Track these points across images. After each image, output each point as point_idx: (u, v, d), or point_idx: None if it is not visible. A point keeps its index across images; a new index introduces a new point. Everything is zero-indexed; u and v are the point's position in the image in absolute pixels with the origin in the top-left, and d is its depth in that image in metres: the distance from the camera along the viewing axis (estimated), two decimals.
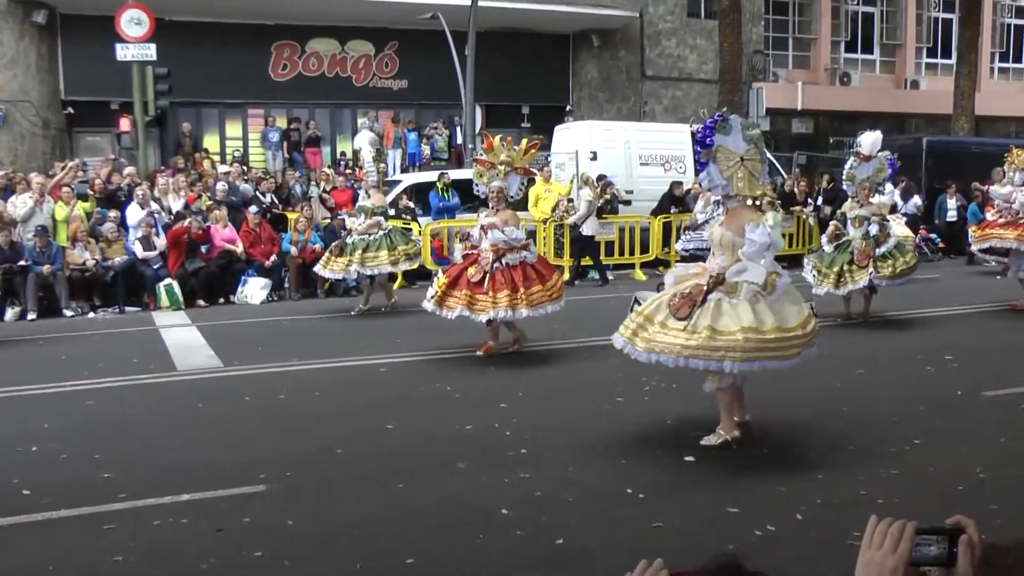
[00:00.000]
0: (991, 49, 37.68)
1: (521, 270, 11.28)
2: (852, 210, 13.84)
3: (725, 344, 7.24)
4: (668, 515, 6.13)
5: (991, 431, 7.93)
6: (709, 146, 7.72)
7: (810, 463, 7.21)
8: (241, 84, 26.17)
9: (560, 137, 23.82)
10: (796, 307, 7.65)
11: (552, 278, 11.60)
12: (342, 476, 7.07)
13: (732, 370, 7.34)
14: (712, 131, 7.71)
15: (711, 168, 7.72)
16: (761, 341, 7.27)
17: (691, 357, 7.31)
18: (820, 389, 9.70)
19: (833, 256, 13.75)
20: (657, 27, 31.12)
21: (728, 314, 7.37)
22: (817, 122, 34.48)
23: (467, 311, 11.19)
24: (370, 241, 14.89)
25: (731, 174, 7.71)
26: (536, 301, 11.25)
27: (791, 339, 7.40)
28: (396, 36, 27.75)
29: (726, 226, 7.84)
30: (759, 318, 7.33)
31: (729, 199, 7.87)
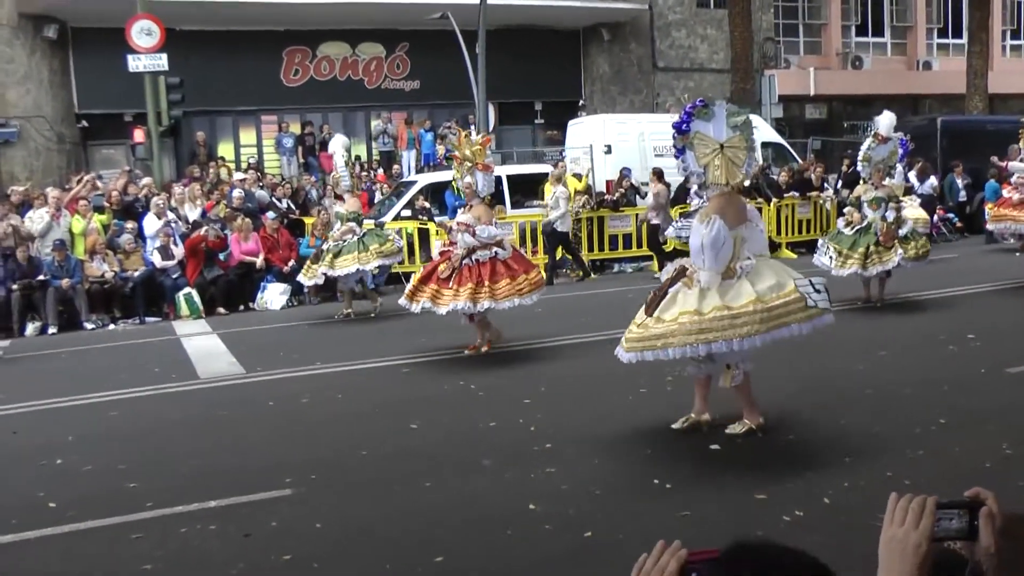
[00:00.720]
0: (1002, 27, 37.46)
1: (490, 266, 11.24)
2: (868, 192, 13.72)
3: (664, 331, 7.26)
4: (695, 504, 6.13)
5: (1016, 408, 7.91)
6: (686, 132, 7.62)
7: (836, 447, 7.19)
8: (253, 91, 26.21)
9: (574, 132, 23.79)
10: (765, 284, 7.38)
11: (525, 273, 11.50)
12: (368, 477, 7.08)
13: (676, 356, 7.35)
14: (691, 117, 7.61)
15: (688, 155, 7.65)
16: (698, 323, 7.17)
17: (644, 350, 7.36)
18: (843, 373, 9.69)
19: (855, 238, 13.60)
20: (667, 18, 31.06)
21: (677, 302, 7.38)
22: (831, 107, 34.35)
23: (430, 304, 11.26)
24: (343, 246, 14.89)
25: (708, 162, 7.60)
26: (502, 295, 11.16)
27: (737, 316, 7.18)
28: (406, 37, 27.75)
29: (698, 216, 7.78)
30: (704, 301, 7.28)
31: (706, 188, 7.75)
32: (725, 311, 7.18)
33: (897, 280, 13.94)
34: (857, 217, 13.78)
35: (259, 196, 19.60)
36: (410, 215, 19.58)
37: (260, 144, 27.12)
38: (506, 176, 20.86)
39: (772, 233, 21.21)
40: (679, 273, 7.53)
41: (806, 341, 11.38)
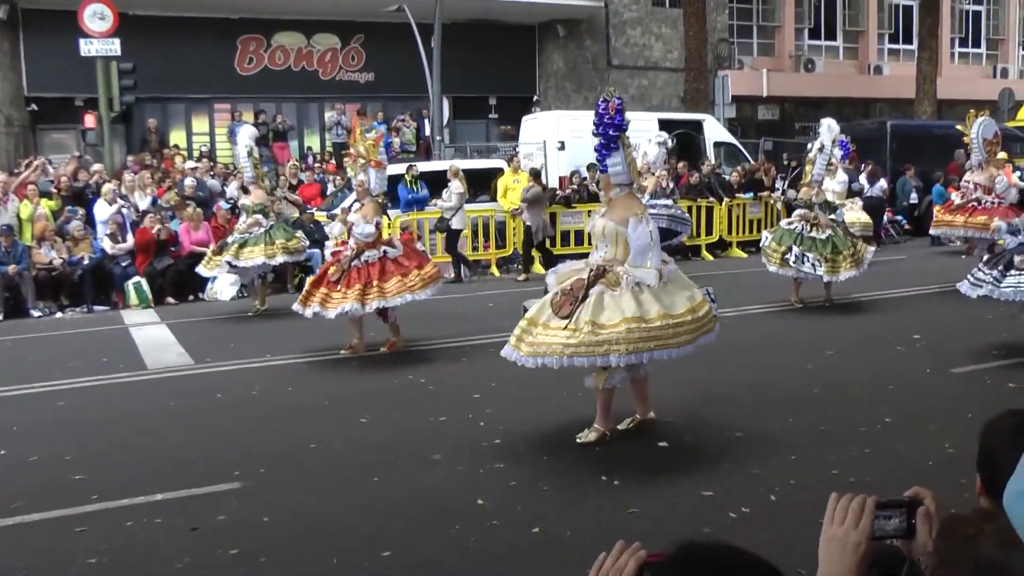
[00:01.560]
0: (951, 34, 38.12)
1: (380, 265, 11.01)
2: (819, 196, 13.83)
3: (608, 337, 6.98)
4: (643, 501, 6.17)
5: (959, 407, 8.03)
6: (624, 129, 7.51)
7: (783, 445, 7.27)
8: (207, 79, 25.96)
9: (528, 127, 23.84)
10: (687, 292, 7.45)
11: (418, 268, 11.26)
12: (317, 470, 7.06)
13: (619, 363, 7.07)
14: (623, 114, 7.50)
15: (619, 154, 7.50)
16: (646, 331, 7.01)
17: (574, 356, 7.03)
18: (791, 371, 9.80)
19: (833, 242, 13.49)
20: (622, 16, 31.16)
21: (610, 307, 7.11)
22: (783, 108, 34.67)
23: (320, 308, 10.96)
24: (248, 238, 14.53)
25: (629, 161, 7.57)
26: (392, 292, 10.93)
27: (679, 325, 7.17)
28: (362, 29, 27.64)
29: (608, 216, 7.55)
30: (643, 307, 7.09)
31: (618, 187, 7.62)
32: (669, 320, 7.11)
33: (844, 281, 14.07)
34: (824, 220, 13.71)
35: (210, 185, 19.43)
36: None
37: (212, 133, 26.88)
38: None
39: (724, 232, 21.40)
40: (598, 273, 7.32)
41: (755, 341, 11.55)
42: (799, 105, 34.75)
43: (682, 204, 20.79)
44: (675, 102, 30.69)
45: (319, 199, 20.58)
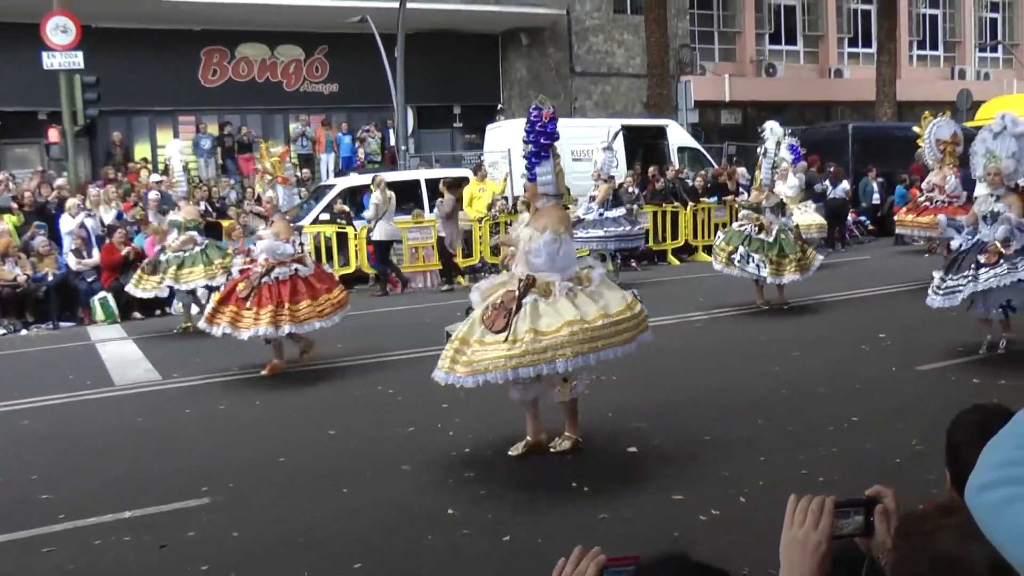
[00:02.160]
0: (909, 38, 38.54)
1: (291, 284, 10.77)
2: (770, 199, 13.88)
3: (552, 343, 6.79)
4: (613, 506, 6.19)
5: (925, 404, 8.11)
6: (556, 138, 7.42)
7: (752, 446, 7.31)
8: (171, 91, 25.78)
9: (492, 136, 23.85)
10: (618, 294, 7.39)
11: (328, 292, 11.10)
12: (286, 484, 7.03)
13: (567, 368, 6.88)
14: (555, 123, 7.41)
15: (548, 163, 7.37)
16: (589, 331, 6.88)
17: (519, 366, 6.77)
18: (759, 373, 9.86)
19: (782, 244, 13.56)
20: (584, 24, 31.26)
21: (548, 313, 6.94)
22: (745, 112, 34.85)
23: (230, 328, 10.68)
24: (185, 257, 14.17)
25: (558, 172, 7.46)
26: (303, 317, 10.71)
27: (619, 323, 7.08)
28: (325, 40, 27.56)
29: (532, 225, 7.40)
30: (582, 309, 6.97)
31: (545, 197, 7.45)
32: (609, 318, 7.02)
33: (811, 282, 14.16)
34: (768, 223, 13.77)
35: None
36: (328, 219, 19.44)
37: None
38: (425, 180, 20.88)
39: (689, 237, 21.50)
40: (529, 283, 7.09)
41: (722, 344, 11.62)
42: (761, 109, 34.88)
43: (648, 208, 20.92)
44: (638, 108, 30.81)
45: None
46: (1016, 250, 9.56)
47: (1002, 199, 9.84)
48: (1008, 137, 9.95)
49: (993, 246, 9.62)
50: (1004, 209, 9.73)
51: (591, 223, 17.04)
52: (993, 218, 9.79)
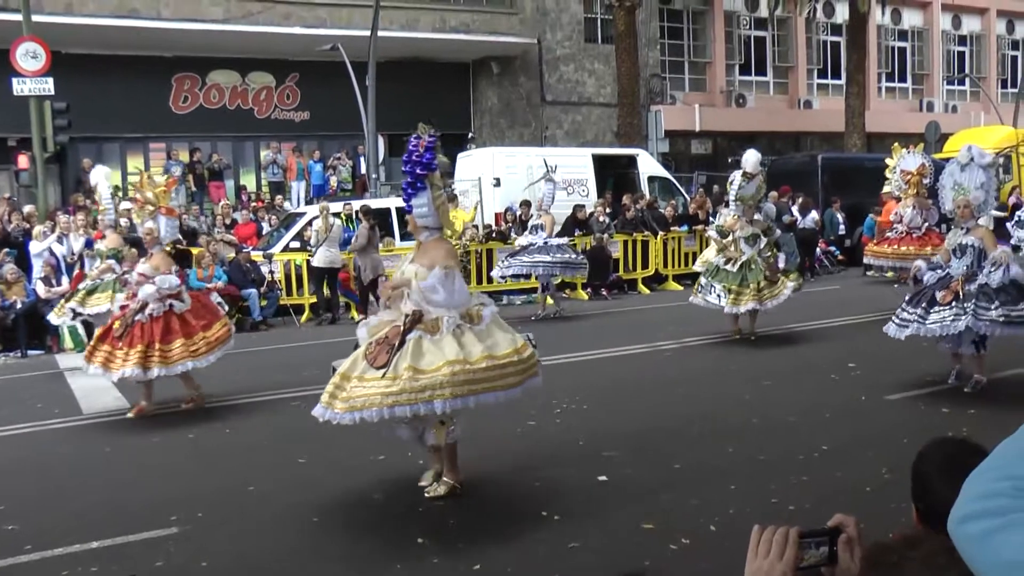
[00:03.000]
0: (878, 70, 39.08)
1: (164, 322, 10.32)
2: (745, 228, 13.82)
3: (430, 382, 6.53)
4: (583, 535, 6.17)
5: (895, 433, 8.14)
6: (434, 169, 7.16)
7: (722, 474, 7.31)
8: (142, 117, 25.70)
9: (463, 164, 23.89)
10: (508, 335, 7.12)
11: (205, 329, 10.60)
12: (255, 513, 6.97)
13: (444, 409, 6.59)
14: (434, 153, 7.18)
15: (428, 195, 7.11)
16: (471, 372, 6.62)
17: (395, 405, 6.50)
18: (729, 401, 9.88)
19: (744, 274, 13.52)
20: (555, 53, 31.44)
21: (431, 351, 6.69)
22: (715, 142, 35.13)
23: (101, 368, 10.32)
24: (98, 284, 13.61)
25: (439, 204, 7.21)
26: (175, 358, 10.27)
27: (504, 366, 6.83)
28: (297, 68, 27.61)
29: (418, 261, 7.16)
30: (466, 349, 6.72)
31: (430, 230, 7.23)
32: (494, 360, 6.77)
33: (781, 311, 14.22)
34: (735, 252, 13.79)
35: None
36: (299, 247, 19.39)
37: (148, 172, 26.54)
38: (396, 208, 20.85)
39: (659, 266, 21.56)
40: (415, 318, 6.85)
41: (693, 372, 11.65)
42: (731, 139, 35.22)
43: (618, 238, 21.00)
44: (609, 137, 30.97)
45: (255, 239, 20.44)
46: (979, 286, 9.52)
47: (971, 232, 9.85)
48: (975, 168, 9.99)
49: (954, 283, 9.62)
50: (974, 242, 9.73)
51: (537, 249, 17.08)
52: (962, 251, 9.79)
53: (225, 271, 17.70)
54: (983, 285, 9.51)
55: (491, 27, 29.59)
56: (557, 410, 9.68)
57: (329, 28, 26.11)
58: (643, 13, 31.26)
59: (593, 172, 23.58)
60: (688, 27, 35.36)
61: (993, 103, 39.32)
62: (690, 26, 35.40)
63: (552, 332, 15.88)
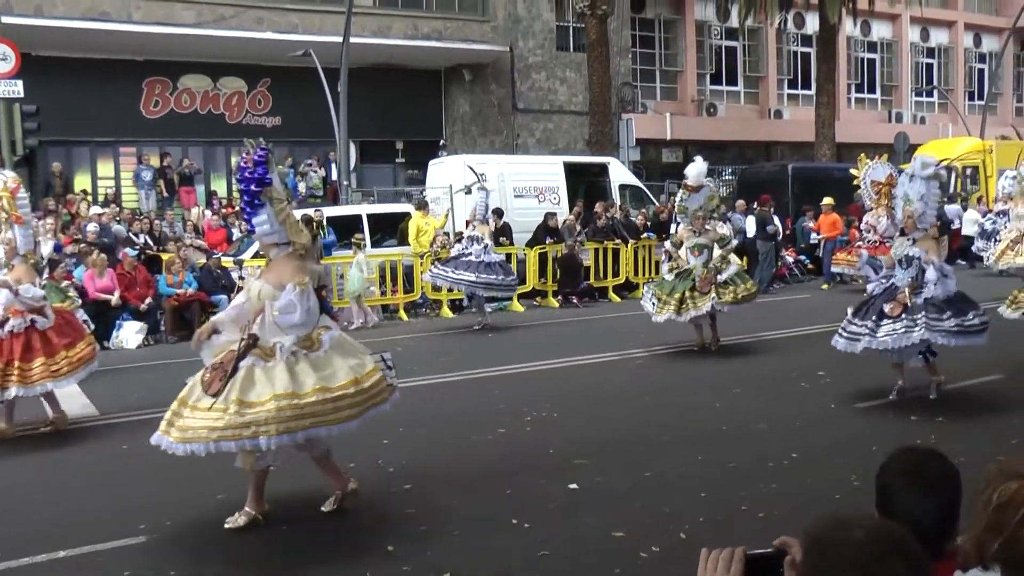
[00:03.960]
0: (847, 81, 39.43)
1: (25, 339, 9.72)
2: (690, 239, 13.75)
3: (255, 418, 6.27)
4: (554, 543, 6.17)
5: (864, 441, 8.19)
6: (268, 184, 6.74)
7: (693, 483, 7.33)
8: (112, 122, 25.56)
9: (434, 172, 23.88)
10: (352, 361, 6.81)
11: (68, 348, 9.99)
12: (224, 522, 6.91)
13: (269, 446, 6.36)
14: (267, 167, 6.78)
15: (268, 211, 6.75)
16: (299, 407, 6.35)
17: (220, 440, 6.30)
18: (699, 410, 9.92)
19: (674, 284, 13.51)
20: (527, 61, 31.50)
21: (261, 382, 6.44)
22: (687, 151, 35.18)
23: None
24: None
25: (284, 218, 6.84)
26: (35, 378, 9.67)
27: (340, 398, 6.54)
28: (268, 73, 27.54)
29: (265, 278, 6.87)
30: (298, 380, 6.46)
31: (278, 247, 6.91)
32: (327, 393, 6.48)
33: (753, 319, 14.28)
34: (681, 261, 13.75)
35: (115, 230, 19.06)
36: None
37: (118, 176, 26.39)
38: (367, 215, 20.82)
39: (630, 274, 21.61)
40: (250, 343, 6.57)
41: (663, 381, 11.68)
42: (702, 148, 35.28)
43: (589, 245, 21.04)
44: (580, 145, 31.05)
45: (225, 244, 20.34)
46: (926, 299, 9.53)
47: (918, 243, 9.84)
48: (917, 180, 9.98)
49: (901, 295, 9.62)
50: (919, 253, 9.74)
51: (464, 264, 16.64)
52: (908, 262, 9.79)
53: (195, 277, 17.60)
54: (929, 299, 9.53)
55: (463, 34, 29.63)
56: (528, 418, 9.69)
57: (301, 34, 26.07)
58: (615, 22, 31.36)
59: (564, 180, 23.61)
60: (660, 36, 35.54)
61: (961, 115, 39.75)
62: (662, 35, 35.58)
63: (522, 340, 15.91)
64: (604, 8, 28.41)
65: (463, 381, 12.04)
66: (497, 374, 12.41)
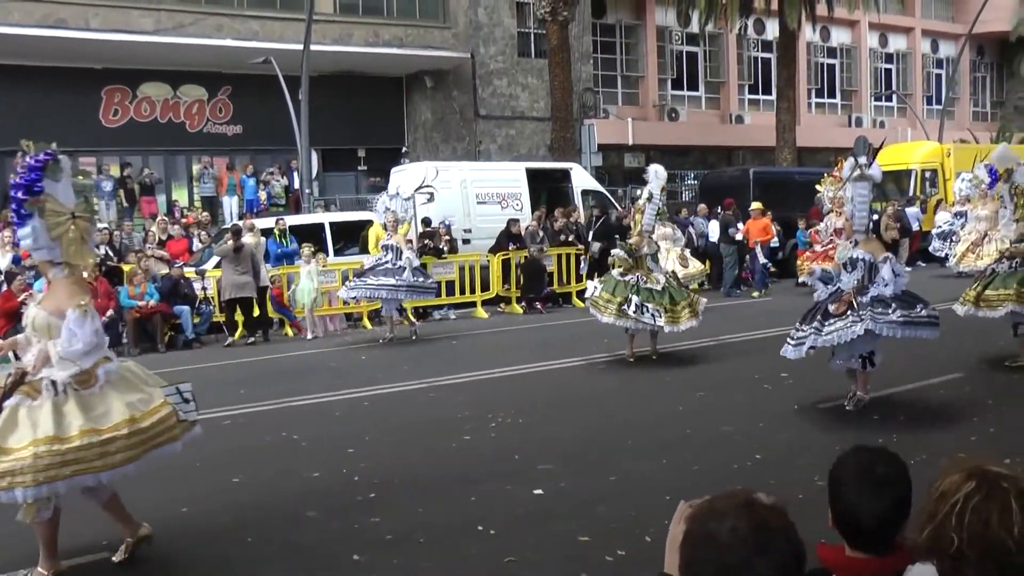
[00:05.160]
0: (807, 86, 39.77)
1: None
2: (652, 246, 13.64)
3: (11, 467, 5.62)
4: (520, 549, 6.17)
5: (826, 440, 8.26)
6: (38, 193, 6.07)
7: (657, 486, 7.34)
8: (71, 130, 25.05)
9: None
10: (133, 396, 6.18)
11: None
12: (189, 535, 6.87)
13: (26, 498, 5.71)
14: (41, 174, 6.11)
15: (37, 224, 6.08)
16: (60, 454, 5.70)
17: None
18: (664, 413, 9.96)
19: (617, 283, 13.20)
20: (489, 67, 31.51)
21: (24, 424, 5.78)
22: (648, 156, 35.27)
23: None
24: None
25: (61, 234, 6.15)
26: None
27: (110, 441, 5.88)
28: (229, 81, 27.35)
29: (43, 304, 6.24)
30: (64, 422, 5.81)
31: (54, 266, 6.24)
32: (95, 436, 5.84)
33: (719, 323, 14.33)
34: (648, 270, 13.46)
35: None
36: None
37: None
38: (329, 223, 20.76)
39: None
40: (17, 380, 5.90)
41: (628, 385, 11.69)
42: (664, 153, 35.48)
43: (552, 251, 21.08)
44: (542, 151, 31.08)
45: (187, 255, 20.18)
46: (872, 297, 9.45)
47: (861, 245, 9.80)
48: (850, 183, 10.00)
49: (847, 295, 9.56)
50: (864, 256, 9.64)
51: (383, 271, 16.43)
52: (852, 265, 9.70)
53: (157, 288, 17.44)
54: (876, 296, 9.46)
55: (424, 41, 29.59)
56: (492, 424, 9.68)
57: (261, 41, 25.93)
58: (576, 28, 31.43)
59: (527, 186, 23.63)
60: (621, 42, 35.69)
61: (919, 119, 40.22)
62: (623, 41, 35.74)
63: (487, 346, 15.91)
64: (565, 14, 28.47)
65: (427, 388, 12.01)
66: (461, 381, 12.39)
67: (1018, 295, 11.23)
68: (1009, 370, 11.43)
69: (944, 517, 2.27)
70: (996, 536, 2.20)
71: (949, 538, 2.25)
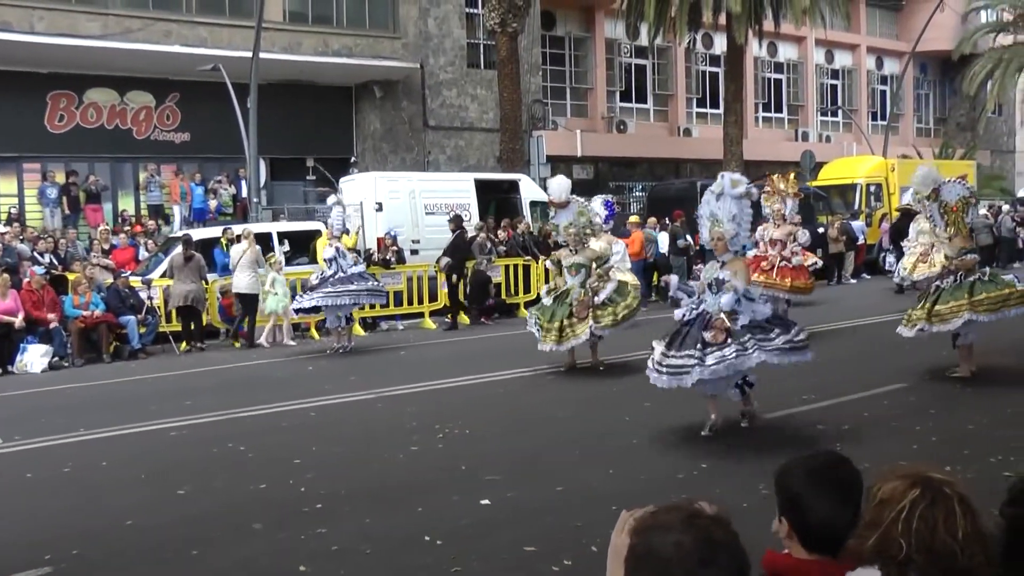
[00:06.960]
0: (755, 100, 40.19)
1: None
2: (568, 258, 13.49)
3: None
4: (466, 559, 6.19)
5: (770, 450, 8.34)
6: None
7: (604, 496, 7.37)
8: (15, 136, 24.85)
9: (345, 189, 23.69)
10: None
11: None
12: (133, 548, 6.81)
13: None
14: None
15: None
16: None
17: None
18: (612, 424, 10.03)
19: (553, 309, 13.25)
20: (438, 78, 31.52)
21: None
22: (597, 168, 35.58)
23: None
24: None
25: None
26: None
27: None
28: (177, 87, 27.06)
29: None
30: None
31: None
32: None
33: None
34: (560, 282, 13.61)
35: (19, 250, 18.59)
36: None
37: (21, 194, 25.69)
38: (277, 233, 20.65)
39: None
40: None
41: (578, 396, 11.75)
42: (613, 165, 35.80)
43: (499, 263, 21.13)
44: (491, 162, 31.11)
45: (133, 264, 19.99)
46: (744, 325, 9.14)
47: (727, 265, 9.36)
48: (727, 199, 9.63)
49: (719, 321, 9.11)
50: (728, 276, 9.26)
51: (339, 279, 16.47)
52: (718, 286, 9.30)
53: (102, 297, 17.25)
54: (747, 324, 9.15)
55: (374, 51, 29.54)
56: (440, 435, 9.70)
57: (210, 48, 25.71)
58: (525, 39, 31.53)
59: (475, 197, 23.68)
60: (570, 54, 35.88)
61: (864, 134, 40.80)
62: (572, 53, 35.93)
63: (435, 357, 15.91)
64: (514, 26, 28.55)
65: (375, 399, 12.01)
66: (409, 391, 12.40)
67: (971, 304, 11.33)
68: (951, 380, 11.61)
69: (890, 523, 2.34)
70: (943, 541, 2.29)
71: (897, 544, 2.32)
